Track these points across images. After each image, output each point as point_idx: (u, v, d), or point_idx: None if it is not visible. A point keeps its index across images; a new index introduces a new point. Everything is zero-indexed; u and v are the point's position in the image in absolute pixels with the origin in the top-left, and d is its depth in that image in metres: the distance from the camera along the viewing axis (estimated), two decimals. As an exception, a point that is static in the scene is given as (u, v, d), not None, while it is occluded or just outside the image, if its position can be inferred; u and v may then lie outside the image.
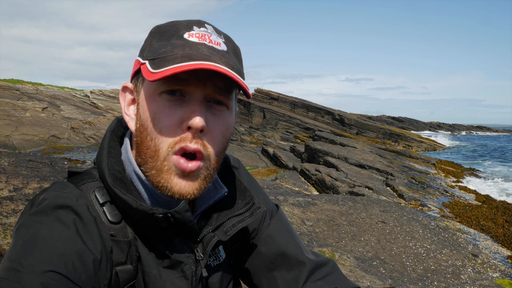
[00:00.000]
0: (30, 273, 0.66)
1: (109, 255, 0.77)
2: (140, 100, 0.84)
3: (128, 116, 0.88)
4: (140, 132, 0.83)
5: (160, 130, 0.79)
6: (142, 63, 0.82)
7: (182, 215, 0.81)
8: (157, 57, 0.79)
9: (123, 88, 0.89)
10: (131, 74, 0.88)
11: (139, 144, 0.83)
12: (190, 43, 0.80)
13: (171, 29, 0.83)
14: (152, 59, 0.80)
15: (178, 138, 0.79)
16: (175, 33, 0.81)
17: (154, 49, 0.81)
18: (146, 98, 0.82)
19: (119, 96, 0.91)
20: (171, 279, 0.84)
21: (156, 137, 0.80)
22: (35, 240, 0.71)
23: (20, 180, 3.69)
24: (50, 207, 0.75)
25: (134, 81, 0.88)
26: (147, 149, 0.81)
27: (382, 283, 3.71)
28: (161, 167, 0.80)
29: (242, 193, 0.97)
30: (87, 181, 0.85)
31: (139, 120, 0.83)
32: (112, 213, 0.82)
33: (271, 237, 1.02)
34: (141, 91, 0.84)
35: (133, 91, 0.88)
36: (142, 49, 0.85)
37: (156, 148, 0.80)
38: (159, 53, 0.80)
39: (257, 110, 38.45)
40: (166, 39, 0.81)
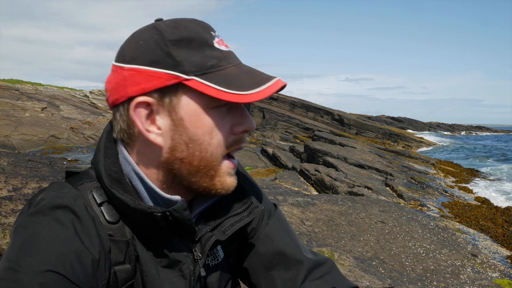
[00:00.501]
0: (28, 273, 0.66)
1: (107, 255, 0.77)
2: (184, 116, 0.80)
3: (151, 133, 0.82)
4: (188, 147, 0.81)
5: (218, 141, 0.82)
6: (187, 78, 0.78)
7: (180, 213, 0.81)
8: (206, 72, 0.78)
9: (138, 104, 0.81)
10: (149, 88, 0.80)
11: (182, 159, 0.82)
12: (226, 54, 0.82)
13: (195, 36, 0.80)
14: (201, 74, 0.78)
15: (232, 142, 0.85)
16: (205, 42, 0.80)
17: (196, 62, 0.78)
18: (196, 113, 0.80)
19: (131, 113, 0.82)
20: (169, 278, 0.84)
21: (213, 149, 0.82)
22: (33, 240, 0.71)
23: (19, 180, 3.69)
24: (48, 207, 0.75)
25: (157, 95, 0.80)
26: (199, 162, 0.82)
27: (381, 283, 3.72)
28: (215, 173, 0.85)
29: (240, 193, 0.97)
30: (85, 181, 0.85)
31: (185, 135, 0.81)
32: (109, 213, 0.82)
33: (269, 237, 1.02)
34: (178, 106, 0.80)
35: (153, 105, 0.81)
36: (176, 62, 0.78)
37: (213, 158, 0.83)
38: (206, 67, 0.78)
39: (257, 110, 38.46)
40: (199, 50, 0.79)
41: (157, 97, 0.80)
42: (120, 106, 0.83)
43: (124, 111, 0.83)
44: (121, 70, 0.82)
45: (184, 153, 0.82)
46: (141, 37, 0.82)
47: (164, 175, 0.85)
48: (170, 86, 0.79)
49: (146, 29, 0.83)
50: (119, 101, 0.83)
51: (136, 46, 0.81)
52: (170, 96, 0.80)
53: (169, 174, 0.85)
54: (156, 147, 0.83)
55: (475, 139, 53.61)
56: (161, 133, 0.82)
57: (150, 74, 0.79)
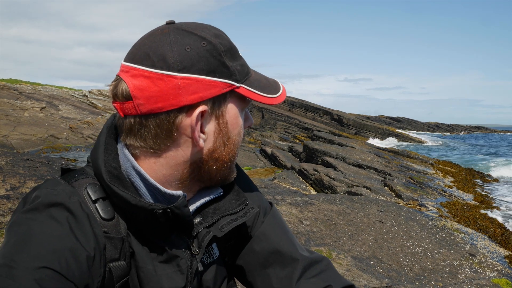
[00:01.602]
0: (23, 269, 0.66)
1: (102, 251, 0.78)
2: (229, 119, 0.88)
3: (201, 138, 0.86)
4: (225, 146, 0.90)
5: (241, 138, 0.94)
6: (237, 86, 0.86)
7: (181, 210, 0.82)
8: (246, 79, 0.89)
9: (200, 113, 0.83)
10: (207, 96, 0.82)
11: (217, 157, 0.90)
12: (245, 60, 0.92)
13: (232, 46, 0.88)
14: (244, 81, 0.88)
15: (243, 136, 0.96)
16: (237, 51, 0.90)
17: (240, 71, 0.87)
18: (236, 116, 0.90)
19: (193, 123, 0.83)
20: (166, 273, 0.85)
21: (239, 145, 0.94)
22: (28, 237, 0.71)
23: (17, 179, 3.69)
24: (42, 205, 0.76)
25: (211, 102, 0.84)
26: (230, 158, 0.93)
27: (379, 282, 3.72)
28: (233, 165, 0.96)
29: (236, 193, 0.99)
30: (80, 178, 0.85)
31: (225, 136, 0.89)
32: (104, 210, 0.82)
33: (265, 235, 1.02)
34: (225, 111, 0.88)
35: (207, 112, 0.84)
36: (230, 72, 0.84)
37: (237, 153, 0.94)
38: (245, 74, 0.89)
39: (256, 110, 38.46)
40: (237, 59, 0.88)
41: (210, 104, 0.85)
42: (163, 114, 0.80)
43: (169, 119, 0.81)
44: (169, 78, 0.79)
45: (221, 152, 0.90)
46: (184, 44, 0.80)
47: (188, 174, 0.89)
48: (222, 93, 0.85)
49: (182, 34, 0.82)
50: (163, 109, 0.80)
51: (185, 54, 0.80)
52: (220, 103, 0.86)
53: (194, 173, 0.90)
54: (195, 150, 0.87)
55: (475, 139, 53.57)
56: (205, 137, 0.87)
57: (209, 83, 0.81)
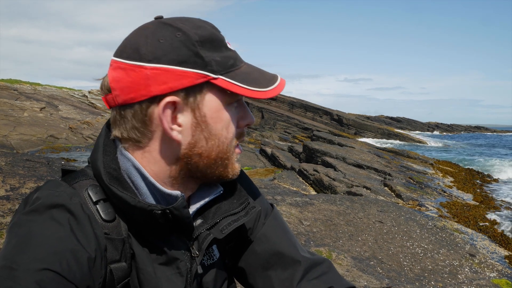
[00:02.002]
0: (24, 271, 0.66)
1: (103, 253, 0.77)
2: (207, 112, 0.84)
3: (174, 131, 0.84)
4: (208, 141, 0.87)
5: (232, 134, 0.90)
6: (214, 77, 0.82)
7: (180, 211, 0.82)
8: (228, 71, 0.84)
9: (167, 103, 0.82)
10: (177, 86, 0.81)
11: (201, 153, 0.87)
12: (236, 54, 0.89)
13: (214, 37, 0.85)
14: (225, 73, 0.84)
15: (238, 134, 0.93)
16: (221, 42, 0.86)
17: (220, 62, 0.83)
18: (217, 109, 0.86)
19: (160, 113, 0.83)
20: (166, 275, 0.84)
21: (229, 141, 0.90)
22: (29, 238, 0.71)
23: (17, 179, 3.69)
24: (43, 206, 0.75)
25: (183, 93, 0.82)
26: (217, 154, 0.89)
27: (379, 283, 3.72)
28: (229, 162, 0.92)
29: (237, 193, 0.98)
30: (80, 179, 0.85)
31: (206, 131, 0.86)
32: (105, 211, 0.82)
33: (266, 236, 1.02)
34: (202, 103, 0.84)
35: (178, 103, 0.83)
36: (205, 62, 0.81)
37: (227, 150, 0.90)
38: (227, 66, 0.84)
39: (255, 110, 38.46)
40: (219, 50, 0.84)
41: (183, 95, 0.82)
42: (136, 105, 0.82)
43: (142, 109, 0.82)
44: (140, 69, 0.80)
45: (203, 147, 0.87)
46: (159, 35, 0.81)
47: (177, 170, 0.87)
48: (196, 84, 0.82)
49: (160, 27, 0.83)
50: (135, 100, 0.81)
51: (157, 45, 0.81)
52: (195, 94, 0.83)
53: (183, 169, 0.88)
54: (174, 144, 0.85)
55: (475, 138, 53.50)
56: (181, 130, 0.85)
57: (179, 73, 0.80)
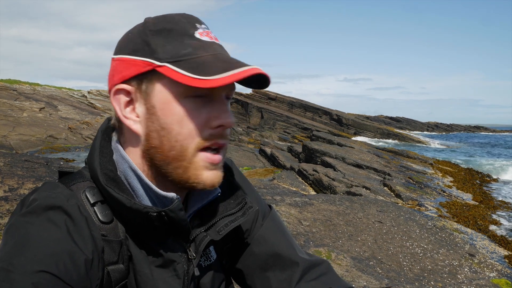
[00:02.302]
0: (21, 273, 0.66)
1: (101, 255, 0.77)
2: (156, 103, 0.81)
3: (129, 119, 0.84)
4: (159, 135, 0.82)
5: (188, 131, 0.81)
6: (159, 65, 0.79)
7: (176, 213, 0.81)
8: (180, 59, 0.79)
9: (117, 90, 0.84)
10: (128, 75, 0.83)
11: (156, 147, 0.83)
12: (206, 44, 0.82)
13: (175, 26, 0.82)
14: (174, 61, 0.79)
15: (208, 136, 0.82)
16: (185, 32, 0.81)
17: (171, 50, 0.79)
18: (167, 101, 0.81)
19: (110, 99, 0.87)
20: (163, 278, 0.84)
21: (183, 139, 0.81)
22: (26, 240, 0.70)
23: (16, 180, 3.68)
24: (40, 208, 0.75)
25: (135, 82, 0.83)
26: (169, 151, 0.82)
27: (379, 283, 3.72)
28: (189, 165, 0.83)
29: (234, 193, 0.97)
30: (78, 181, 0.84)
31: (156, 123, 0.82)
32: (103, 213, 0.82)
33: (264, 238, 1.02)
34: (152, 93, 0.82)
35: (132, 92, 0.84)
36: (151, 50, 0.81)
37: (184, 149, 0.81)
38: (180, 54, 0.79)
39: (255, 110, 38.46)
40: (178, 39, 0.80)
41: (135, 84, 0.83)
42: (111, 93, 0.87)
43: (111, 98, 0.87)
44: (111, 61, 0.87)
45: (156, 141, 0.83)
46: (131, 30, 0.86)
47: (148, 165, 0.86)
48: (146, 73, 0.81)
49: (138, 24, 0.87)
50: (110, 90, 0.86)
51: (124, 38, 0.86)
52: (146, 84, 0.82)
53: (152, 164, 0.85)
54: (136, 135, 0.85)
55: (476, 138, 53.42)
56: (139, 120, 0.84)
57: (129, 62, 0.82)
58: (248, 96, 41.63)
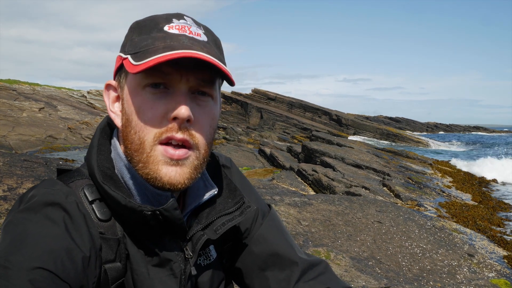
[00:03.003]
0: (18, 270, 0.66)
1: (98, 252, 0.77)
2: (124, 95, 0.84)
3: (113, 113, 0.88)
4: (125, 127, 0.84)
5: (144, 122, 0.80)
6: (124, 58, 0.82)
7: (170, 213, 0.81)
8: (138, 51, 0.80)
9: (107, 86, 0.89)
10: (114, 71, 0.88)
11: (125, 139, 0.84)
12: (170, 35, 0.80)
13: (150, 23, 0.83)
14: (134, 53, 0.80)
15: (164, 129, 0.80)
16: (155, 26, 0.82)
17: (135, 43, 0.82)
18: (129, 92, 0.83)
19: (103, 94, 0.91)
20: (159, 277, 0.84)
21: (140, 130, 0.80)
22: (24, 237, 0.70)
23: (15, 180, 3.68)
24: (39, 204, 0.75)
25: (117, 77, 0.87)
26: (131, 143, 0.82)
27: (378, 283, 3.72)
28: (147, 159, 0.81)
29: (232, 192, 0.97)
30: (77, 179, 0.85)
31: (124, 115, 0.84)
32: (101, 211, 0.82)
33: (264, 237, 1.02)
34: (124, 86, 0.85)
35: (116, 88, 0.88)
36: (123, 45, 0.85)
37: (141, 141, 0.80)
38: (140, 46, 0.80)
39: (254, 111, 38.46)
40: (147, 33, 0.82)
41: (117, 79, 0.87)
42: None
43: None
44: None
45: (125, 133, 0.84)
46: None
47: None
48: (121, 67, 0.84)
49: None
50: None
51: None
52: (122, 77, 0.85)
53: None
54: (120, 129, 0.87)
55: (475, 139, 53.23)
56: (118, 114, 0.87)
57: (117, 58, 0.87)
58: (247, 96, 41.63)
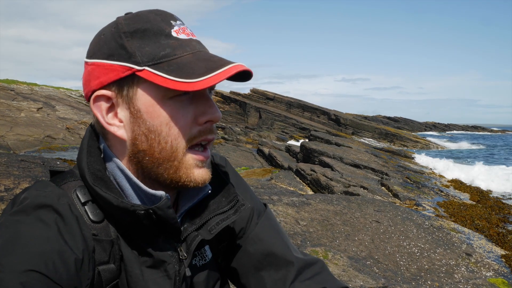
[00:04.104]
0: (9, 272, 0.65)
1: (91, 254, 0.76)
2: (141, 107, 0.80)
3: (112, 126, 0.83)
4: (147, 138, 0.81)
5: (177, 131, 0.80)
6: (139, 69, 0.78)
7: (164, 211, 0.80)
8: (159, 62, 0.78)
9: (97, 97, 0.83)
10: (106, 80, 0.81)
11: (144, 150, 0.82)
12: (184, 42, 0.80)
13: (150, 26, 0.80)
14: (154, 64, 0.78)
15: (196, 133, 0.82)
16: (160, 31, 0.80)
17: (149, 52, 0.78)
18: (152, 104, 0.80)
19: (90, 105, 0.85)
20: (153, 278, 0.83)
21: (173, 139, 0.81)
22: (15, 239, 0.70)
23: (12, 180, 3.67)
24: (31, 207, 0.74)
25: (115, 87, 0.82)
26: (160, 153, 0.81)
27: (375, 283, 3.72)
28: (180, 165, 0.82)
29: (226, 191, 0.96)
30: (69, 180, 0.84)
31: (143, 126, 0.81)
32: (94, 212, 0.81)
33: (259, 237, 1.02)
34: (135, 97, 0.80)
35: (113, 98, 0.83)
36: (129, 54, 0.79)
37: (174, 149, 0.81)
38: (159, 56, 0.78)
39: (253, 110, 38.47)
40: (155, 40, 0.79)
41: (115, 90, 0.82)
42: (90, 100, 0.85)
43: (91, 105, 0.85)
44: (86, 66, 0.85)
45: (145, 144, 0.82)
46: (103, 31, 0.84)
47: (135, 168, 0.85)
48: (126, 78, 0.80)
49: (109, 24, 0.85)
50: (87, 96, 0.85)
51: (97, 41, 0.84)
52: (127, 88, 0.81)
53: (139, 168, 0.85)
54: (121, 140, 0.84)
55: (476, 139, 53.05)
56: (122, 125, 0.83)
57: (106, 67, 0.81)
58: (246, 96, 41.63)
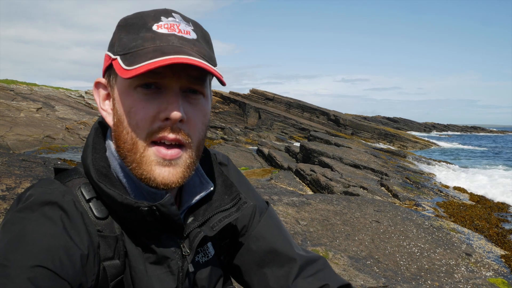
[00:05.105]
0: (17, 268, 0.66)
1: (96, 250, 0.77)
2: (115, 95, 0.84)
3: (105, 112, 0.88)
4: (117, 126, 0.83)
5: (136, 123, 0.80)
6: (113, 58, 0.81)
7: (167, 208, 0.81)
8: (128, 52, 0.79)
9: (96, 83, 0.89)
10: (103, 69, 0.87)
11: (117, 139, 0.84)
12: (160, 35, 0.80)
13: (138, 21, 0.82)
14: (123, 54, 0.80)
15: (156, 129, 0.80)
16: (144, 25, 0.81)
17: (124, 43, 0.81)
18: (120, 93, 0.82)
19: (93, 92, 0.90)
20: (157, 274, 0.84)
21: (132, 130, 0.80)
22: (22, 236, 0.71)
23: (13, 179, 3.68)
24: (36, 204, 0.75)
25: (106, 76, 0.87)
26: (124, 143, 0.82)
27: (376, 282, 3.73)
28: (140, 159, 0.81)
29: (228, 189, 0.97)
30: (73, 178, 0.85)
31: (116, 114, 0.84)
32: (98, 209, 0.82)
33: (262, 234, 1.02)
34: (115, 86, 0.84)
35: (106, 86, 0.87)
36: (112, 44, 0.84)
37: (134, 141, 0.81)
38: (129, 47, 0.80)
39: (253, 111, 38.47)
40: (135, 32, 0.81)
41: (107, 78, 0.87)
42: None
43: None
44: None
45: (116, 132, 0.84)
46: None
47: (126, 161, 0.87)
48: (111, 66, 0.83)
49: None
50: None
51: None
52: (113, 77, 0.85)
53: None
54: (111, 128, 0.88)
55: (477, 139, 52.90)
56: (110, 113, 0.87)
57: (105, 57, 0.86)
58: (245, 96, 41.64)
